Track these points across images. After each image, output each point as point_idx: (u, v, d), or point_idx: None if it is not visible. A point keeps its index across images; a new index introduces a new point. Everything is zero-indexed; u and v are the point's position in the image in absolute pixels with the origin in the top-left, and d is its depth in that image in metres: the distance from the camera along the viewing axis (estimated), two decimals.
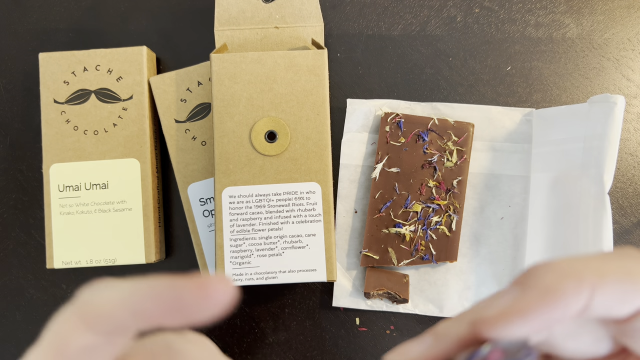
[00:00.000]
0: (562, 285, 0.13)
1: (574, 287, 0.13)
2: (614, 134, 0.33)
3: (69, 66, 0.37)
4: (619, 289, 0.13)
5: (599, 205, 0.33)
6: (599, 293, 0.13)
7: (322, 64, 0.35)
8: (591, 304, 0.13)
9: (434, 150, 0.37)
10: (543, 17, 0.40)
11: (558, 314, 0.13)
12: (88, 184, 0.37)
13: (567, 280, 0.13)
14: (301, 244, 0.34)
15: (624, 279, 0.14)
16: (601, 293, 0.13)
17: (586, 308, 0.13)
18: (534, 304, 0.13)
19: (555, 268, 0.14)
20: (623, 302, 0.14)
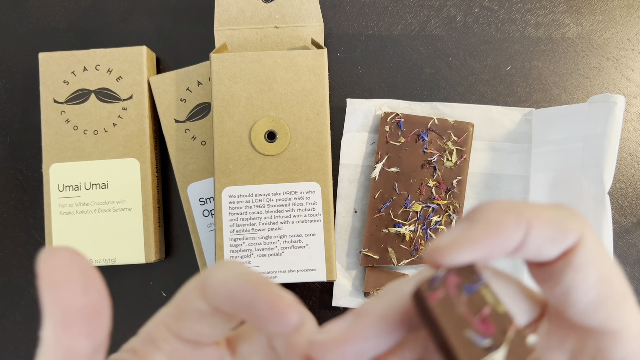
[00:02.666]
0: (504, 219, 0.15)
1: (514, 221, 0.15)
2: (614, 134, 0.33)
3: (69, 66, 0.37)
4: (551, 229, 0.15)
5: (599, 205, 0.33)
6: (534, 230, 0.15)
7: (322, 64, 0.35)
8: (527, 240, 0.15)
9: (434, 150, 0.37)
10: (543, 17, 0.40)
11: (501, 245, 0.15)
12: (88, 184, 0.37)
13: (509, 215, 0.15)
14: (301, 244, 0.34)
15: (556, 220, 0.16)
16: (536, 230, 0.15)
17: (523, 244, 0.15)
18: (481, 234, 0.15)
19: (498, 205, 0.16)
20: (553, 242, 0.15)
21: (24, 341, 0.39)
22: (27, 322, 0.39)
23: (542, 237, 0.15)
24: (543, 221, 0.15)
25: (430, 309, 0.16)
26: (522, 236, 0.15)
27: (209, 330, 0.18)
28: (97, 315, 0.15)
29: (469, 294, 0.16)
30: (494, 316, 0.16)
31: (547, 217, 0.16)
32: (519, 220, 0.15)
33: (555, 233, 0.15)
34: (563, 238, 0.16)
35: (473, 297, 0.16)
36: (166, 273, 0.39)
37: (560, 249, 0.16)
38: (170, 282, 0.39)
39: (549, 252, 0.16)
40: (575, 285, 0.16)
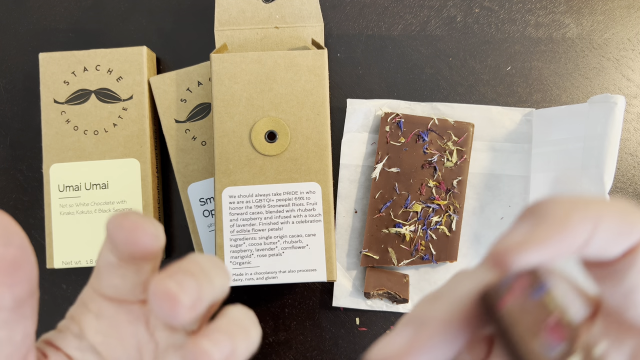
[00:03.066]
0: (573, 215, 0.14)
1: (582, 217, 0.14)
2: (614, 134, 0.33)
3: (69, 66, 0.37)
4: (617, 224, 0.14)
5: None
6: (601, 226, 0.14)
7: (322, 64, 0.35)
8: (592, 237, 0.14)
9: (434, 150, 0.37)
10: (543, 17, 0.40)
11: (570, 243, 0.14)
12: (88, 184, 0.37)
13: (576, 211, 0.14)
14: (301, 244, 0.34)
15: (622, 215, 0.14)
16: (602, 227, 0.14)
17: (588, 242, 0.14)
18: (550, 233, 0.14)
19: (563, 201, 0.15)
20: (617, 239, 0.14)
21: None
22: None
23: (608, 234, 0.14)
24: (610, 217, 0.14)
25: (501, 316, 0.15)
26: (589, 233, 0.14)
27: (122, 282, 0.19)
28: (18, 267, 0.16)
29: (536, 298, 0.15)
30: (562, 323, 0.15)
31: (613, 212, 0.15)
32: (586, 216, 0.14)
33: (621, 229, 0.14)
34: (628, 235, 0.14)
35: (540, 302, 0.15)
36: None
37: (625, 246, 0.15)
38: None
39: (614, 249, 0.15)
40: (638, 285, 0.15)
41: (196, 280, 0.17)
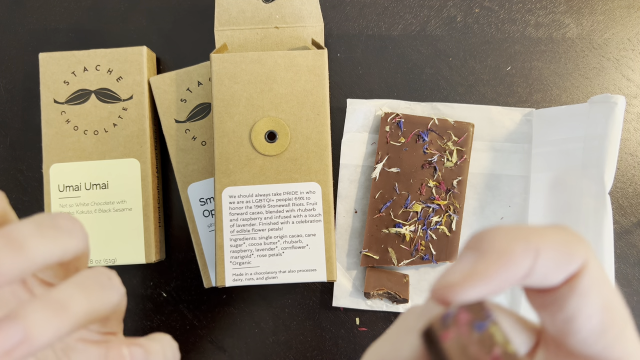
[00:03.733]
0: (514, 248, 0.15)
1: (523, 249, 0.15)
2: (615, 134, 0.33)
3: (69, 66, 0.37)
4: (558, 254, 0.15)
5: (599, 206, 0.33)
6: (542, 256, 0.15)
7: (322, 64, 0.35)
8: (535, 266, 0.15)
9: (434, 150, 0.37)
10: (543, 17, 0.40)
11: (511, 275, 0.15)
12: (88, 184, 0.37)
13: (517, 243, 0.15)
14: (301, 244, 0.34)
15: (562, 245, 0.15)
16: (543, 256, 0.15)
17: (531, 271, 0.15)
18: (493, 267, 0.14)
19: (504, 232, 0.15)
20: (559, 268, 0.15)
21: None
22: None
23: (549, 263, 0.15)
24: (550, 246, 0.15)
25: (443, 350, 0.15)
26: (530, 263, 0.15)
27: None
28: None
29: (480, 331, 0.15)
30: (504, 356, 0.15)
31: (553, 241, 0.15)
32: (527, 247, 0.15)
33: (562, 258, 0.15)
34: (568, 263, 0.15)
35: (483, 335, 0.15)
36: (166, 273, 0.39)
37: (565, 274, 0.15)
38: (170, 282, 0.39)
39: (554, 277, 0.15)
40: (578, 311, 0.15)
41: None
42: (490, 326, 0.15)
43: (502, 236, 0.15)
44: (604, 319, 0.15)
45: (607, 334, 0.15)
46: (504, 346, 0.15)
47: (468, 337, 0.15)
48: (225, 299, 0.39)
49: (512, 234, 0.15)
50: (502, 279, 0.14)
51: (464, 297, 0.15)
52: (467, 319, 0.15)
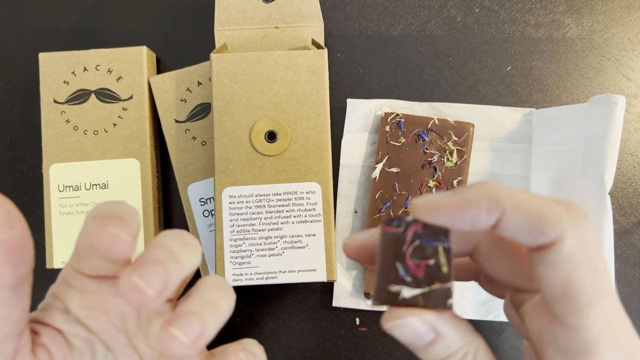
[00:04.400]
0: (479, 200, 0.17)
1: (487, 204, 0.17)
2: (615, 134, 0.33)
3: (69, 66, 0.37)
4: (526, 222, 0.17)
5: (599, 206, 0.33)
6: (507, 218, 0.17)
7: (322, 64, 0.35)
8: (501, 224, 0.17)
9: (434, 150, 0.37)
10: (543, 17, 0.40)
11: (467, 218, 0.17)
12: (88, 184, 0.37)
13: (484, 198, 0.17)
14: (301, 244, 0.34)
15: (535, 216, 0.17)
16: (509, 219, 0.17)
17: (496, 226, 0.17)
18: (450, 206, 0.17)
19: (485, 187, 0.17)
20: (527, 235, 0.17)
21: None
22: None
23: (515, 227, 0.17)
24: (519, 214, 0.17)
25: (380, 235, 0.18)
26: (494, 219, 0.17)
27: (101, 265, 0.20)
28: (21, 249, 0.18)
29: (425, 244, 0.18)
30: (432, 269, 0.18)
31: (525, 210, 0.17)
32: (492, 204, 0.17)
33: (531, 227, 0.17)
34: (538, 234, 0.17)
35: (426, 247, 0.18)
36: None
37: (535, 243, 0.17)
38: None
39: (524, 241, 0.17)
40: (543, 277, 0.17)
41: (164, 268, 0.19)
42: (440, 247, 0.18)
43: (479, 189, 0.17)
44: (564, 292, 0.17)
45: (566, 304, 0.17)
46: (440, 265, 0.18)
47: (408, 241, 0.18)
48: None
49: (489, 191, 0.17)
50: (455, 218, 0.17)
51: (420, 216, 0.18)
52: (419, 231, 0.18)
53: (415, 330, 0.18)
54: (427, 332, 0.18)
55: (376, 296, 0.18)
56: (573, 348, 0.17)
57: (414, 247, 0.18)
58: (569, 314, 0.17)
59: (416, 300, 0.18)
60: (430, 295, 0.18)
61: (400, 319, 0.18)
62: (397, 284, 0.18)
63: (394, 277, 0.18)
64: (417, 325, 0.18)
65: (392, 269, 0.18)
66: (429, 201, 0.17)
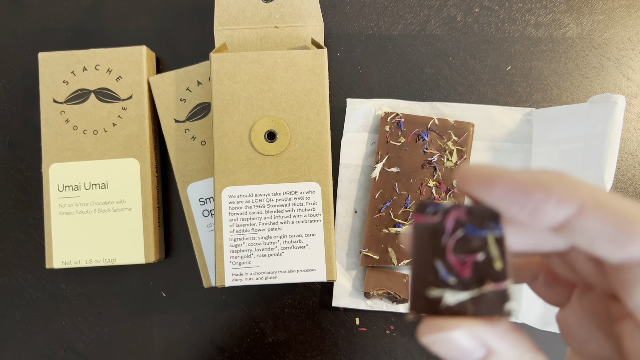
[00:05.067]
0: (553, 185, 0.13)
1: (561, 192, 0.13)
2: (615, 134, 0.33)
3: (68, 66, 0.37)
4: (612, 226, 0.13)
5: None
6: (586, 216, 0.13)
7: (322, 63, 0.35)
8: (575, 223, 0.13)
9: (434, 150, 0.37)
10: (543, 17, 0.40)
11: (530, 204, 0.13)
12: (88, 184, 0.37)
13: (559, 185, 0.13)
14: (301, 244, 0.34)
15: (620, 218, 0.13)
16: (588, 218, 0.13)
17: (569, 225, 0.13)
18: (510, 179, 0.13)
19: (561, 174, 0.13)
20: (612, 243, 0.13)
21: (23, 341, 0.39)
22: (26, 322, 0.39)
23: (595, 229, 0.13)
24: (601, 212, 0.13)
25: (413, 228, 0.15)
26: (567, 214, 0.13)
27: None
28: None
29: (470, 234, 0.15)
30: (482, 266, 0.14)
31: (609, 209, 0.13)
32: (567, 193, 0.13)
33: (618, 233, 0.13)
34: (627, 242, 0.13)
35: (472, 239, 0.14)
36: (166, 273, 0.39)
37: (623, 256, 0.13)
38: (170, 282, 0.39)
39: (602, 250, 0.13)
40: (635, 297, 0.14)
41: None
42: (490, 237, 0.14)
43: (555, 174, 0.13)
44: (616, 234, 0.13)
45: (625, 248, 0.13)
46: (492, 259, 0.14)
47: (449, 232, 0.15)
48: (225, 299, 0.39)
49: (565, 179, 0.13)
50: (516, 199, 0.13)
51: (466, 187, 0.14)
52: (461, 218, 0.15)
53: (461, 347, 0.14)
54: (475, 349, 0.14)
55: (412, 303, 0.14)
56: None
57: (457, 240, 0.15)
58: None
59: (464, 308, 0.14)
60: (481, 300, 0.14)
61: (443, 332, 0.14)
62: (439, 288, 0.14)
63: (434, 279, 0.14)
64: (464, 341, 0.14)
65: (430, 268, 0.15)
66: (486, 168, 0.14)
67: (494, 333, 0.14)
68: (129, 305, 0.39)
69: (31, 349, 0.39)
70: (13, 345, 0.39)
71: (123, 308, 0.39)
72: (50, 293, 0.39)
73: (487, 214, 0.15)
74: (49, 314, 0.39)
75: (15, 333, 0.39)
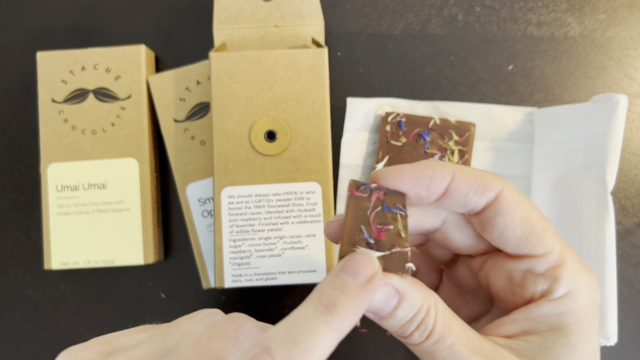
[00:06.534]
0: (433, 165, 0.20)
1: (440, 169, 0.20)
2: (617, 134, 0.32)
3: (67, 65, 0.37)
4: (472, 181, 0.20)
5: (601, 205, 0.32)
6: (457, 180, 0.20)
7: (322, 62, 0.34)
8: (452, 186, 0.20)
9: (435, 150, 0.37)
10: (545, 16, 0.40)
11: (425, 182, 0.20)
12: (86, 184, 0.36)
13: (437, 165, 0.20)
14: (301, 244, 0.34)
15: (477, 176, 0.20)
16: (458, 180, 0.20)
17: (449, 189, 0.20)
18: (409, 172, 0.20)
19: (433, 160, 0.21)
20: (475, 193, 0.20)
21: (21, 341, 0.39)
22: (25, 322, 0.39)
23: (464, 187, 0.20)
24: (465, 175, 0.20)
25: (347, 198, 0.20)
26: (447, 183, 0.20)
27: None
28: None
29: (386, 210, 0.20)
30: (392, 233, 0.20)
31: (469, 173, 0.20)
32: (444, 169, 0.20)
33: (477, 185, 0.20)
34: (484, 190, 0.20)
35: (387, 214, 0.20)
36: (165, 274, 0.39)
37: (485, 200, 0.20)
38: (169, 283, 0.39)
39: (475, 201, 0.20)
40: (504, 227, 0.20)
41: None
42: (399, 214, 0.20)
43: (432, 161, 0.21)
44: (525, 228, 0.20)
45: (530, 239, 0.20)
46: (398, 229, 0.20)
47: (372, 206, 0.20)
48: (224, 300, 0.39)
49: (439, 162, 0.21)
50: (415, 182, 0.20)
51: (380, 182, 0.20)
52: (381, 198, 0.20)
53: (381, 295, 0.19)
54: (391, 296, 0.19)
55: (342, 253, 0.19)
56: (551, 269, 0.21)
57: (376, 212, 0.20)
58: (535, 247, 0.20)
59: (378, 262, 0.19)
60: (390, 259, 0.19)
61: None
62: (361, 245, 0.19)
63: (359, 239, 0.19)
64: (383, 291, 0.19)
65: (357, 230, 0.20)
66: (393, 169, 0.20)
67: (401, 281, 0.20)
68: (128, 306, 0.39)
69: (29, 350, 0.39)
70: (11, 346, 0.39)
71: (122, 309, 0.39)
72: (48, 294, 0.39)
73: (397, 198, 0.20)
74: (47, 315, 0.39)
75: (14, 334, 0.39)
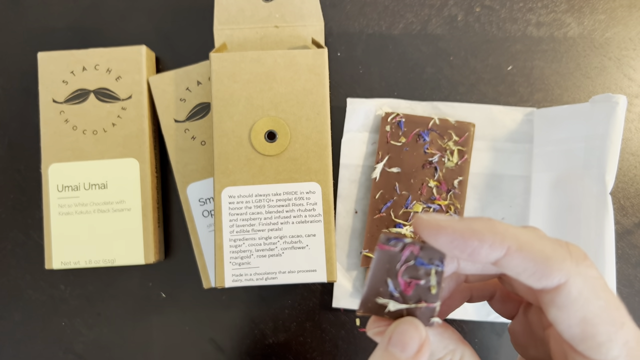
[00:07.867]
0: (483, 233, 0.17)
1: (490, 239, 0.17)
2: (616, 134, 0.33)
3: (67, 66, 0.37)
4: (531, 264, 0.17)
5: (600, 206, 0.33)
6: (511, 257, 0.17)
7: (322, 63, 0.34)
8: (503, 262, 0.17)
9: (434, 150, 0.37)
10: (544, 16, 0.40)
11: (466, 250, 0.17)
12: (87, 184, 0.37)
13: (489, 233, 0.17)
14: (301, 244, 0.34)
15: (539, 258, 0.17)
16: (512, 259, 0.17)
17: (499, 263, 0.17)
18: (452, 229, 0.17)
19: (490, 222, 0.17)
20: (532, 276, 0.17)
21: (22, 341, 0.39)
22: (25, 322, 0.39)
23: (518, 267, 0.17)
24: (523, 254, 0.17)
25: (375, 252, 0.19)
26: (497, 255, 0.17)
27: None
28: None
29: (419, 265, 0.18)
30: (421, 288, 0.18)
31: (530, 252, 0.17)
32: (495, 240, 0.17)
33: (534, 269, 0.17)
34: (542, 276, 0.17)
35: (419, 268, 0.18)
36: (165, 274, 0.39)
37: (539, 285, 0.17)
38: (169, 283, 0.39)
39: (528, 282, 0.17)
40: (558, 321, 0.17)
41: None
42: (433, 270, 0.18)
43: (485, 222, 0.17)
44: (584, 330, 0.17)
45: (586, 342, 0.17)
46: (430, 285, 0.18)
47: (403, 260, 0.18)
48: (224, 299, 0.39)
49: (494, 226, 0.17)
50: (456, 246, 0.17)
51: (422, 235, 0.18)
52: (415, 252, 0.18)
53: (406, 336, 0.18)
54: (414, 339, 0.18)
55: (362, 305, 0.19)
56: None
57: (407, 266, 0.18)
58: (591, 351, 0.17)
59: (400, 314, 0.18)
60: (414, 312, 0.18)
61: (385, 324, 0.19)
62: (385, 298, 0.18)
63: (383, 291, 0.18)
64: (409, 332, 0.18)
65: (382, 283, 0.18)
66: (434, 219, 0.17)
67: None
68: (128, 306, 0.39)
69: (29, 350, 0.39)
70: (11, 346, 0.39)
71: (122, 309, 0.39)
72: (49, 294, 0.39)
73: (435, 253, 0.18)
74: (47, 315, 0.39)
75: (14, 334, 0.39)
